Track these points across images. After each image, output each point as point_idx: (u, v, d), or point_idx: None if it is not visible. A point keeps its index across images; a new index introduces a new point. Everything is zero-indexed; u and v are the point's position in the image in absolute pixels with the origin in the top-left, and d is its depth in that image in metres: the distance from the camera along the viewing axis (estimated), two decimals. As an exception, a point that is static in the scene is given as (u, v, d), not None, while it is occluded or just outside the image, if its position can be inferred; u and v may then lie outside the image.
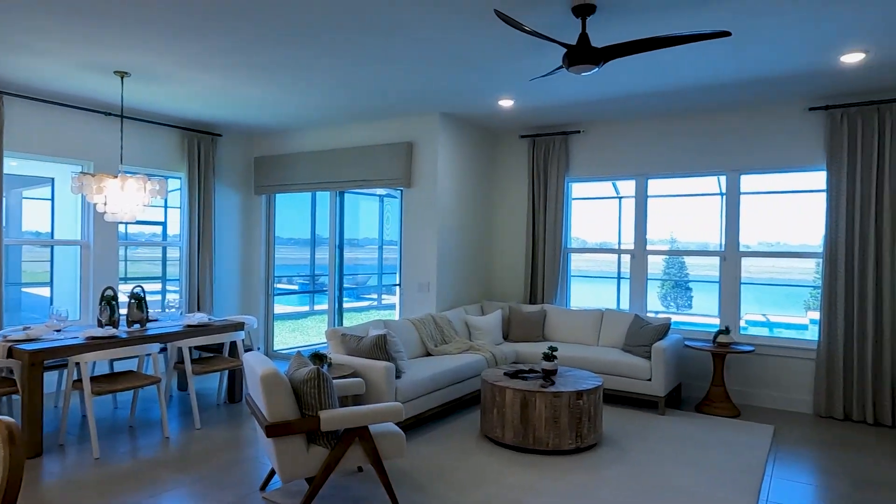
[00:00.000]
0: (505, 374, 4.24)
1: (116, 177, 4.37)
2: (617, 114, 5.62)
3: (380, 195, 11.04)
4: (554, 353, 4.23)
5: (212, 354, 5.02)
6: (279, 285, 10.50)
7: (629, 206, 5.98)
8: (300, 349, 7.10)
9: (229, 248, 6.92)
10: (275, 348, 7.16)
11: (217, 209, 6.75)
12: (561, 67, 3.37)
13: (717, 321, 5.46)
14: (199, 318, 4.78)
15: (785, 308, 10.48)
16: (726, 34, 2.90)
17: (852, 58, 3.89)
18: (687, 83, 4.58)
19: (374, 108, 5.58)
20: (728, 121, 5.32)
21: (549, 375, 4.18)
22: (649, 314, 5.73)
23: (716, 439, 4.17)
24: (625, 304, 5.95)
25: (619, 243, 6.22)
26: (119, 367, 5.67)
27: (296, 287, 11.59)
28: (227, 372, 5.04)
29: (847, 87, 4.58)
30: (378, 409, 2.94)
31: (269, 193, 6.98)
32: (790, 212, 5.52)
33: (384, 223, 11.56)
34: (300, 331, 10.13)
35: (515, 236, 6.53)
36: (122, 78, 4.49)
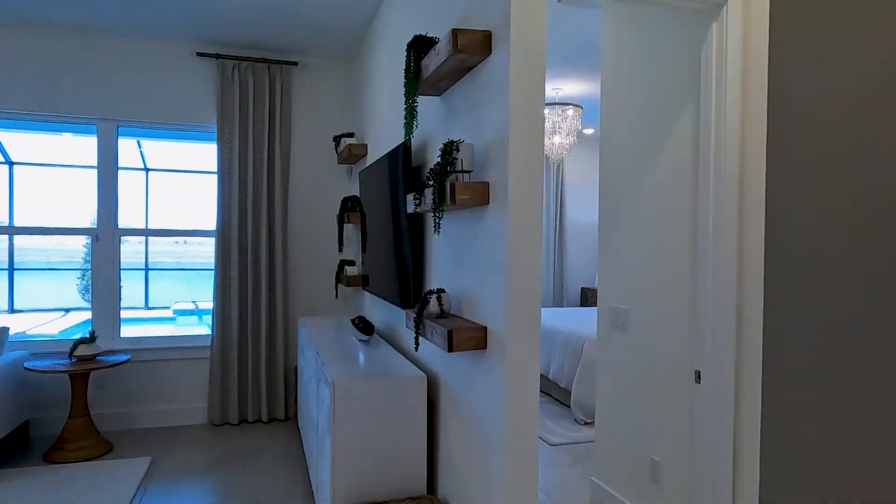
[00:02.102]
0: None
1: None
2: None
3: None
4: None
5: None
6: None
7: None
8: None
9: None
10: None
11: None
12: None
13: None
14: None
15: (197, 295, 9.03)
16: None
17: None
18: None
19: None
20: (106, 49, 3.88)
21: None
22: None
23: (54, 511, 2.74)
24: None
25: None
26: None
27: None
28: None
29: (240, 38, 3.87)
30: None
31: None
32: (198, 190, 4.57)
33: None
34: None
35: None
36: None
